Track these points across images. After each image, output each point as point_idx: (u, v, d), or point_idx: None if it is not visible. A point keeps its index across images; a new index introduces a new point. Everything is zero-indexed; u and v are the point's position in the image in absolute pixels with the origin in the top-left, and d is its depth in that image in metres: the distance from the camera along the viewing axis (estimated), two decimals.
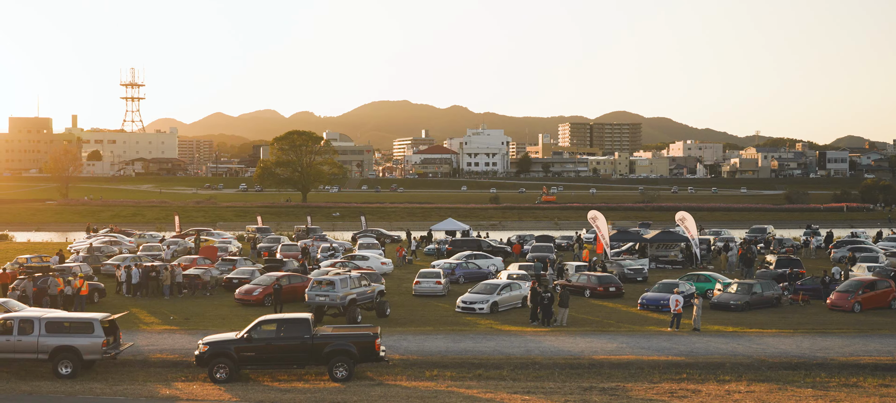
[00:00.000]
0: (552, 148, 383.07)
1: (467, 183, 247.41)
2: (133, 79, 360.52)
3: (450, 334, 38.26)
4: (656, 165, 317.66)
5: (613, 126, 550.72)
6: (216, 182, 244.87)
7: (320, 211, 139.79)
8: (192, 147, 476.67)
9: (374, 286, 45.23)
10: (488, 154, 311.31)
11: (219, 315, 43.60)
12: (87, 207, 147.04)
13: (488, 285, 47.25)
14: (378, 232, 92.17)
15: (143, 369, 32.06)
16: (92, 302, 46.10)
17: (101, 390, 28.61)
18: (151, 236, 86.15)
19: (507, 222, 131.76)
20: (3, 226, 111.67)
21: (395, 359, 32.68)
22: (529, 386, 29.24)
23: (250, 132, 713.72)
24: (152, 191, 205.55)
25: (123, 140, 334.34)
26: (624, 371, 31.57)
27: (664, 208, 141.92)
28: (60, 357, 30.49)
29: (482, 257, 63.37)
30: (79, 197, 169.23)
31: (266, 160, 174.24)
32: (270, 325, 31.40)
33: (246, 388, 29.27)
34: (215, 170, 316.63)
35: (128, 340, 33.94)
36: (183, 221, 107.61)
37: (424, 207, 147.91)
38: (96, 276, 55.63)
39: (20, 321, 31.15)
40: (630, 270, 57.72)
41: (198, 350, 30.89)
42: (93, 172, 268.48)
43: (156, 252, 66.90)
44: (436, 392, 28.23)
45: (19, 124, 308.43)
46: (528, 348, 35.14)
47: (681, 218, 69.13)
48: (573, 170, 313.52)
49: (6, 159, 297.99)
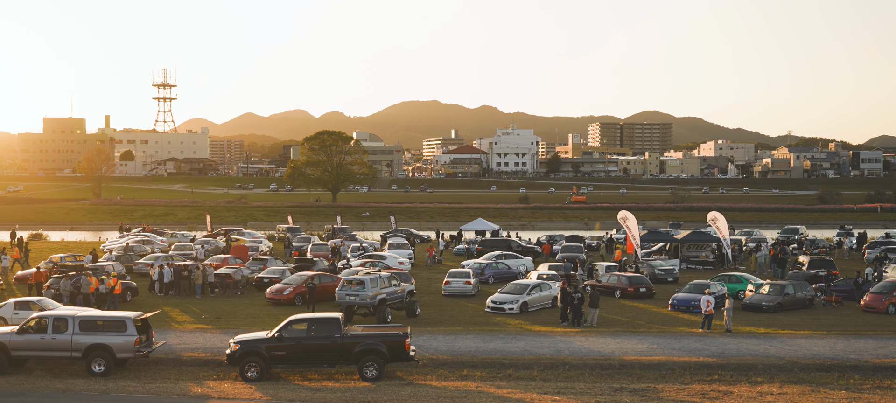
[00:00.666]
0: (582, 148, 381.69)
1: (497, 183, 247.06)
2: (165, 79, 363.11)
3: (480, 334, 38.24)
4: (687, 165, 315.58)
5: (644, 126, 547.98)
6: (247, 182, 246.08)
7: (350, 210, 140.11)
8: (223, 147, 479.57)
9: (403, 286, 45.29)
10: (518, 154, 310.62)
11: (250, 314, 43.82)
12: (119, 207, 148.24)
13: (518, 285, 47.18)
14: (408, 232, 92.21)
15: (174, 367, 32.29)
16: (124, 300, 46.48)
17: (133, 388, 28.84)
18: (183, 236, 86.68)
19: (537, 222, 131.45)
20: (38, 226, 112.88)
21: (425, 359, 32.71)
22: (560, 387, 29.16)
23: (281, 132, 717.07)
24: (184, 190, 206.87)
25: (155, 140, 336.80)
26: (655, 372, 31.41)
27: (695, 208, 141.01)
28: (94, 355, 30.78)
29: (512, 257, 63.26)
30: (111, 196, 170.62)
31: (296, 160, 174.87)
32: (301, 325, 31.52)
33: (277, 387, 29.39)
34: (246, 170, 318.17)
35: (160, 339, 34.21)
36: (214, 221, 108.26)
37: (454, 207, 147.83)
38: (129, 275, 56.08)
39: (54, 319, 31.47)
40: (661, 271, 57.40)
41: (229, 349, 31.07)
42: (125, 172, 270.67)
43: (187, 251, 67.33)
44: (466, 392, 28.22)
45: (53, 125, 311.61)
46: (558, 348, 35.06)
47: (712, 219, 68.67)
48: (603, 170, 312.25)
49: (40, 159, 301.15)
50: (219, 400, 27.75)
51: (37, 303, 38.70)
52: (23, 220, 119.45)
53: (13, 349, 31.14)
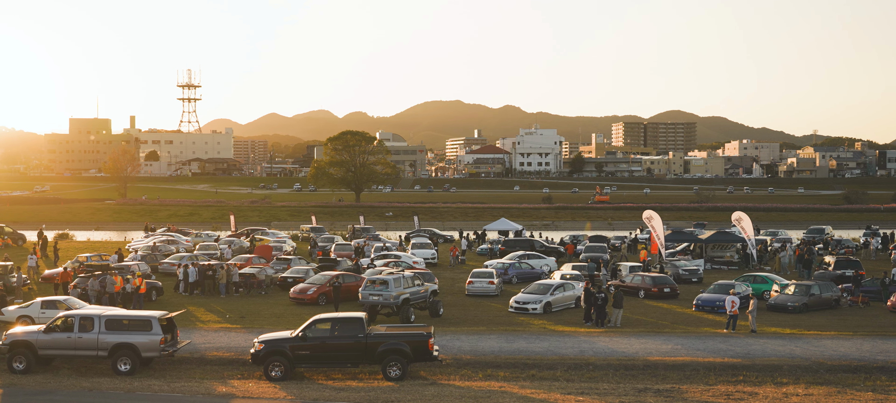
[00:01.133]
0: (606, 147, 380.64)
1: (520, 182, 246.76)
2: (189, 80, 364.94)
3: (503, 334, 38.22)
4: (711, 165, 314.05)
5: (668, 125, 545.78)
6: (271, 182, 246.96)
7: (373, 210, 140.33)
8: (247, 147, 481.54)
9: (427, 285, 45.31)
10: (541, 154, 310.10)
11: (274, 313, 43.98)
12: (144, 207, 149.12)
13: (541, 285, 47.12)
14: (431, 231, 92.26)
15: (199, 366, 32.46)
16: (150, 300, 46.78)
17: (159, 387, 29.01)
18: (207, 235, 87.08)
19: (561, 222, 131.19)
20: (64, 225, 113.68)
21: (448, 359, 32.72)
22: (583, 387, 29.10)
23: (304, 132, 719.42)
24: (208, 190, 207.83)
25: (180, 140, 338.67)
26: (679, 373, 31.29)
27: (719, 208, 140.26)
28: (119, 354, 30.99)
29: (535, 257, 63.18)
30: (136, 196, 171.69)
31: (320, 160, 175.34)
32: (325, 324, 31.61)
33: (301, 386, 29.48)
34: (270, 170, 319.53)
35: (185, 338, 34.41)
36: (238, 221, 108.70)
37: (477, 207, 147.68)
38: (154, 275, 56.43)
39: (81, 318, 31.71)
40: (685, 271, 57.17)
41: (253, 348, 31.20)
42: (150, 172, 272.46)
43: (212, 251, 67.64)
44: (489, 392, 28.21)
45: (79, 125, 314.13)
46: (581, 348, 34.98)
47: (737, 219, 68.32)
48: (627, 170, 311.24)
49: (67, 159, 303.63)
50: (243, 399, 27.88)
51: (63, 303, 39.01)
52: (49, 220, 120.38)
53: (40, 348, 31.40)
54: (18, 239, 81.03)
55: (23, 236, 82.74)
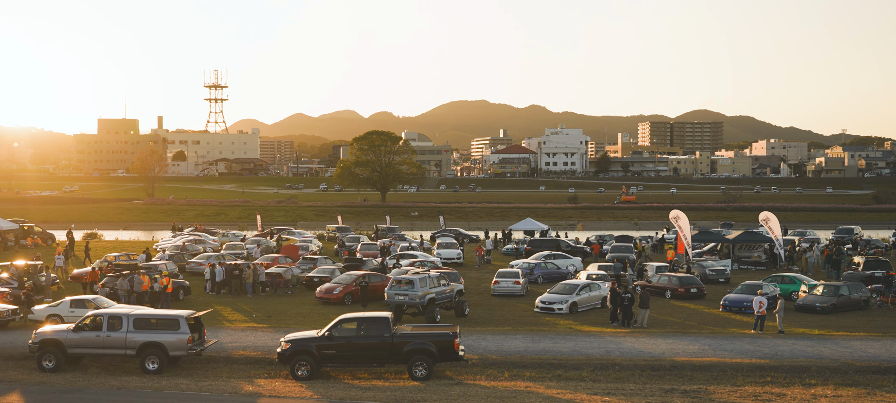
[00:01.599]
0: (632, 147, 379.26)
1: (545, 182, 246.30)
2: (216, 80, 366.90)
3: (529, 334, 38.17)
4: (739, 165, 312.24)
5: (694, 125, 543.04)
6: (297, 182, 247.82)
7: (399, 210, 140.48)
8: (273, 147, 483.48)
9: (452, 285, 45.32)
10: (567, 153, 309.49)
11: (300, 313, 44.14)
12: (171, 206, 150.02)
13: (567, 285, 47.02)
14: (456, 231, 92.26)
15: (226, 365, 32.63)
16: (177, 299, 47.06)
17: (186, 385, 29.18)
18: (234, 235, 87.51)
19: (586, 222, 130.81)
20: (92, 225, 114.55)
21: (474, 359, 32.72)
22: (609, 387, 29.00)
23: (330, 132, 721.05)
24: (235, 190, 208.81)
25: (207, 140, 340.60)
26: (706, 374, 31.12)
27: (747, 208, 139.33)
28: (147, 352, 31.21)
29: (561, 257, 63.05)
30: (164, 196, 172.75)
31: (345, 160, 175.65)
32: (351, 324, 31.69)
33: (327, 386, 29.57)
34: (296, 169, 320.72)
35: (212, 337, 34.56)
36: (264, 220, 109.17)
37: (503, 207, 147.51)
38: (181, 274, 56.78)
39: (109, 317, 31.96)
40: (712, 271, 56.85)
41: (280, 347, 31.32)
42: (177, 172, 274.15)
43: (238, 251, 67.96)
44: (515, 392, 28.18)
45: (107, 126, 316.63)
46: (607, 349, 34.88)
47: (765, 219, 67.87)
48: (653, 170, 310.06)
49: (95, 160, 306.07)
50: (270, 398, 28.00)
51: (92, 302, 39.33)
52: (78, 220, 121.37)
53: (69, 346, 31.68)
54: (48, 239, 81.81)
55: (52, 236, 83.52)
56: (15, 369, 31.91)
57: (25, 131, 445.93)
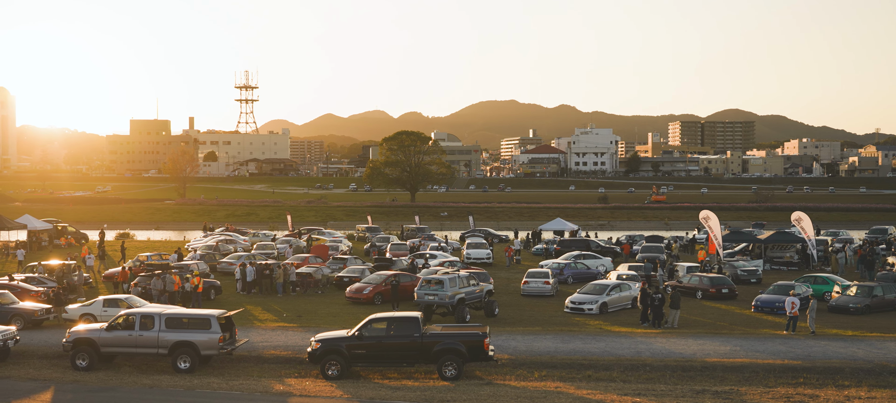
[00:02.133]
0: (662, 147, 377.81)
1: (575, 182, 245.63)
2: (247, 81, 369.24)
3: (559, 334, 38.07)
4: (770, 164, 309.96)
5: (725, 124, 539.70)
6: (327, 182, 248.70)
7: (428, 210, 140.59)
8: (303, 147, 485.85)
9: (482, 285, 45.30)
10: (596, 153, 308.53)
11: (330, 313, 44.27)
12: (202, 207, 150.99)
13: (597, 285, 46.86)
14: (486, 231, 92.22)
15: (257, 365, 32.78)
16: (208, 298, 47.36)
17: (217, 384, 29.35)
18: (264, 235, 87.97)
19: (617, 222, 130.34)
20: (125, 225, 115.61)
21: (503, 359, 32.67)
22: (640, 388, 28.87)
23: (360, 132, 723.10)
24: (265, 190, 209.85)
25: (238, 141, 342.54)
26: (738, 375, 30.89)
27: (779, 208, 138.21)
28: (179, 352, 31.42)
29: (591, 257, 62.85)
30: (195, 196, 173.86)
31: (375, 160, 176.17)
32: (381, 324, 31.75)
33: (357, 385, 29.64)
34: (326, 170, 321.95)
35: (243, 336, 34.75)
36: (294, 220, 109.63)
37: (532, 207, 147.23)
38: (212, 274, 57.17)
39: (142, 316, 32.22)
40: (743, 271, 56.45)
41: (310, 347, 31.43)
42: (208, 173, 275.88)
43: (269, 251, 68.30)
44: (545, 393, 28.11)
45: (139, 126, 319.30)
46: (638, 349, 34.72)
47: (797, 219, 67.29)
48: (683, 170, 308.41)
49: (127, 160, 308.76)
50: (300, 398, 28.10)
51: (125, 301, 39.67)
52: (110, 220, 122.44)
53: (102, 345, 31.97)
54: (81, 239, 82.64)
55: (85, 236, 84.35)
56: (49, 367, 32.26)
57: (59, 132, 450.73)
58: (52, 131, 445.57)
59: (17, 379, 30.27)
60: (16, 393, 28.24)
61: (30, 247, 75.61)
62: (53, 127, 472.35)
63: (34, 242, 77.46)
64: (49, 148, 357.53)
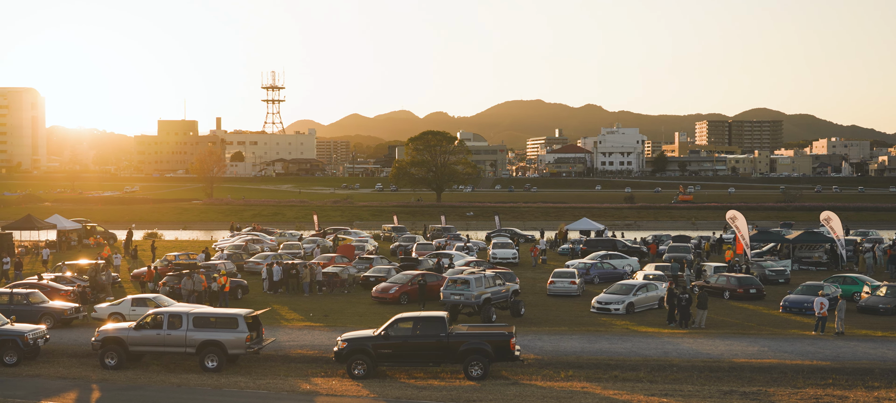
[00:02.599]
0: (689, 146, 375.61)
1: (601, 182, 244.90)
2: (274, 82, 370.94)
3: (585, 334, 37.97)
4: (799, 164, 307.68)
5: (753, 123, 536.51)
6: (353, 182, 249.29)
7: (454, 210, 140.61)
8: (329, 148, 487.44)
9: (508, 285, 45.24)
10: (623, 153, 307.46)
11: (356, 312, 44.38)
12: (229, 207, 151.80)
13: (624, 285, 46.69)
14: (512, 231, 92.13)
15: (284, 364, 32.92)
16: (235, 298, 47.59)
17: (244, 383, 29.50)
18: (291, 235, 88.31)
19: (643, 222, 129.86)
20: (153, 225, 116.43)
21: (529, 359, 32.63)
22: (667, 389, 28.74)
23: (385, 132, 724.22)
24: (292, 190, 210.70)
25: (264, 141, 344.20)
26: (766, 376, 30.69)
27: (807, 208, 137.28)
28: (207, 351, 31.60)
29: (617, 257, 62.63)
30: (222, 196, 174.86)
31: (401, 160, 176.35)
32: (407, 323, 31.78)
33: (383, 385, 29.70)
34: (352, 170, 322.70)
35: (270, 336, 34.90)
36: (321, 220, 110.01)
37: (558, 207, 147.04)
38: (239, 273, 57.47)
39: (169, 315, 32.44)
40: (771, 271, 56.06)
41: (336, 346, 31.52)
42: (235, 173, 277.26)
43: (296, 250, 68.54)
44: (571, 393, 28.05)
45: (167, 127, 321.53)
46: (665, 349, 34.57)
47: (826, 219, 66.76)
48: (711, 169, 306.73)
49: (155, 160, 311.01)
50: (327, 397, 28.20)
51: (153, 300, 39.94)
52: (138, 220, 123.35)
53: (131, 344, 32.21)
54: (110, 239, 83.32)
55: (114, 235, 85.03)
56: (78, 366, 32.54)
57: (88, 133, 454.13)
58: (81, 132, 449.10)
59: (47, 378, 30.58)
60: (46, 392, 28.52)
61: (59, 247, 76.35)
62: (82, 127, 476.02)
63: (63, 242, 78.20)
64: (78, 148, 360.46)
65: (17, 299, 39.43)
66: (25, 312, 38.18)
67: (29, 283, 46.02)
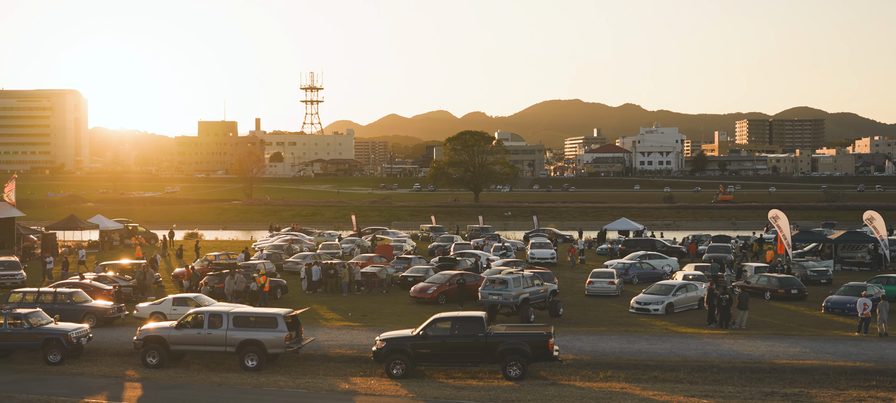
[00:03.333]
0: (729, 145, 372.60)
1: (640, 182, 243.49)
2: (312, 82, 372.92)
3: (624, 335, 37.77)
4: (841, 163, 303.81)
5: (794, 122, 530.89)
6: (391, 182, 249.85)
7: (492, 210, 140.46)
8: (367, 148, 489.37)
9: (546, 285, 45.13)
10: (662, 152, 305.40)
11: (394, 312, 44.47)
12: (269, 207, 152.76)
13: (663, 286, 46.40)
14: (550, 231, 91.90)
15: (323, 363, 33.05)
16: (274, 298, 47.88)
17: (284, 383, 29.67)
18: (329, 235, 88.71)
19: (682, 221, 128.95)
20: (193, 225, 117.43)
21: (568, 359, 32.51)
22: (707, 390, 28.52)
23: (423, 133, 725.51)
24: (330, 191, 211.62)
25: (303, 142, 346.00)
26: (808, 377, 30.34)
27: (849, 207, 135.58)
28: (247, 350, 31.82)
29: (656, 257, 62.27)
30: (261, 197, 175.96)
31: (439, 160, 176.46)
32: (445, 323, 31.78)
33: (421, 384, 29.73)
34: (390, 170, 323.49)
35: (309, 335, 35.06)
36: (359, 220, 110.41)
37: (597, 206, 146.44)
38: (278, 273, 57.83)
39: (210, 315, 32.70)
40: (813, 272, 55.44)
41: (375, 346, 31.61)
42: (274, 173, 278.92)
43: (334, 250, 68.84)
44: (610, 394, 27.92)
45: (207, 128, 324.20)
46: (705, 350, 34.29)
47: (869, 218, 65.90)
48: (751, 169, 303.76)
49: (195, 161, 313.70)
50: (366, 396, 28.28)
51: (194, 300, 40.28)
52: (179, 220, 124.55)
53: (172, 343, 32.52)
54: (151, 239, 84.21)
55: (155, 235, 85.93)
56: (121, 365, 32.92)
57: (130, 134, 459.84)
58: (122, 133, 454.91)
59: (90, 376, 30.97)
60: (89, 390, 28.88)
61: (101, 247, 77.29)
62: (124, 128, 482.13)
63: (106, 242, 79.15)
64: (120, 149, 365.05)
65: (61, 298, 39.97)
66: (69, 311, 38.70)
67: (72, 283, 46.64)
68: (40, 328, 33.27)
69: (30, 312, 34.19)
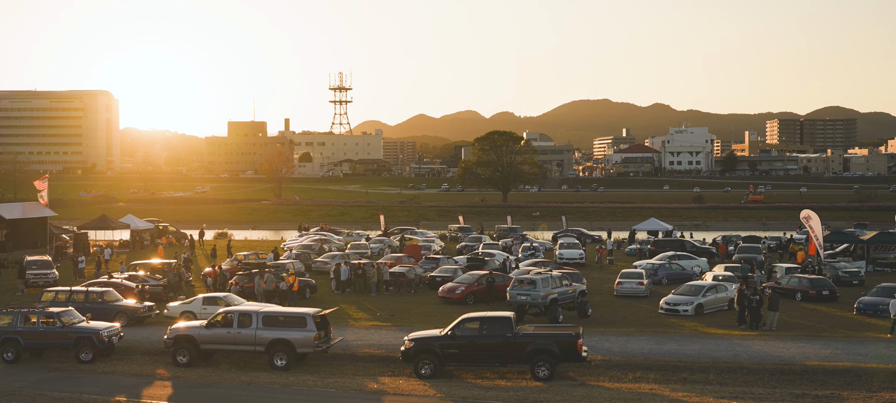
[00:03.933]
0: (759, 145, 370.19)
1: (669, 182, 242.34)
2: (341, 83, 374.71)
3: (653, 336, 37.60)
4: (873, 163, 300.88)
5: (825, 122, 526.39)
6: (419, 182, 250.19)
7: (520, 210, 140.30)
8: (396, 148, 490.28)
9: (575, 285, 45.00)
10: (691, 152, 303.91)
11: (423, 312, 44.51)
12: (298, 207, 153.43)
13: (693, 286, 46.11)
14: (579, 231, 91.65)
15: (351, 363, 33.16)
16: (303, 297, 48.06)
17: (313, 382, 29.79)
18: (358, 235, 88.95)
19: (712, 222, 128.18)
20: (223, 225, 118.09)
21: (597, 360, 32.42)
22: (737, 391, 28.34)
23: (452, 133, 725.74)
24: (359, 190, 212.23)
25: (332, 142, 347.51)
26: (839, 379, 30.06)
27: (882, 208, 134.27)
28: (276, 349, 31.98)
29: (686, 258, 61.93)
30: (290, 197, 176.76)
31: (467, 160, 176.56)
32: (473, 323, 31.79)
33: (450, 384, 29.76)
34: (418, 170, 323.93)
35: (337, 335, 35.18)
36: (387, 220, 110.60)
37: (625, 207, 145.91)
38: (307, 273, 58.04)
39: (240, 314, 32.90)
40: (845, 273, 54.93)
41: (404, 346, 31.67)
42: (303, 173, 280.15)
43: (363, 250, 69.00)
44: (639, 395, 27.82)
45: (237, 128, 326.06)
46: (735, 352, 34.07)
47: None
48: (782, 169, 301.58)
49: (225, 161, 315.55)
50: (394, 396, 28.34)
51: (223, 299, 40.52)
52: (209, 220, 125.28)
53: (202, 342, 32.76)
54: (181, 239, 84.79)
55: (185, 235, 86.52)
56: (151, 363, 33.20)
57: (160, 134, 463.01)
58: (153, 133, 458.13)
59: (121, 374, 31.26)
60: (120, 388, 29.14)
61: (132, 247, 77.94)
62: (155, 129, 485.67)
63: (137, 241, 79.80)
64: (151, 149, 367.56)
65: (93, 297, 40.36)
66: (100, 310, 39.07)
67: (103, 282, 47.05)
68: (72, 326, 33.60)
69: (62, 311, 34.54)
